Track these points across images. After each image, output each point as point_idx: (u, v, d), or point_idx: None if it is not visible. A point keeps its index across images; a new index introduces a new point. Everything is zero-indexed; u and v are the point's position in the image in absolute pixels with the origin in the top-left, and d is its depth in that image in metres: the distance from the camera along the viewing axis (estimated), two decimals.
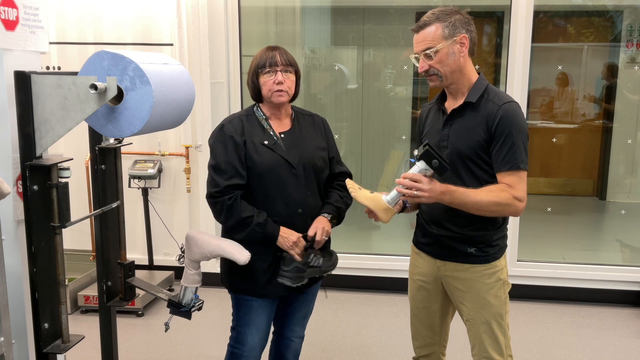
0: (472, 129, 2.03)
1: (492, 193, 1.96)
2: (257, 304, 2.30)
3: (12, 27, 1.85)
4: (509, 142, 1.97)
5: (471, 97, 2.05)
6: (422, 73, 2.06)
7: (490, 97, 2.05)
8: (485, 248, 2.10)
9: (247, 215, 2.16)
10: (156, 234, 4.33)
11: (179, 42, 4.05)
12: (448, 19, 2.01)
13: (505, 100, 2.02)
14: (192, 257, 2.23)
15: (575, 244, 5.12)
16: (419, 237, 2.27)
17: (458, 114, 2.08)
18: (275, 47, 2.26)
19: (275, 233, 2.18)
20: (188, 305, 2.27)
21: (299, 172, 2.23)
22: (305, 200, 2.24)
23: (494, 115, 1.99)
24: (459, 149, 2.04)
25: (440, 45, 1.99)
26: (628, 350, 3.44)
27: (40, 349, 1.87)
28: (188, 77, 2.18)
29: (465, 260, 2.11)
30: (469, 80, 2.08)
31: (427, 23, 2.01)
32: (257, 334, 2.33)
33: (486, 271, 2.11)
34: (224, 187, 2.17)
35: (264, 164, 2.19)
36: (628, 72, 5.40)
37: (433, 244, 2.18)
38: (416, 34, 2.05)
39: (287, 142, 2.26)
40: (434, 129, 2.16)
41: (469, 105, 2.05)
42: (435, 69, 2.03)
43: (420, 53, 2.04)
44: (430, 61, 2.02)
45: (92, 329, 3.31)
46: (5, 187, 1.60)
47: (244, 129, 2.23)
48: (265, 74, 2.20)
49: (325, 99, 5.40)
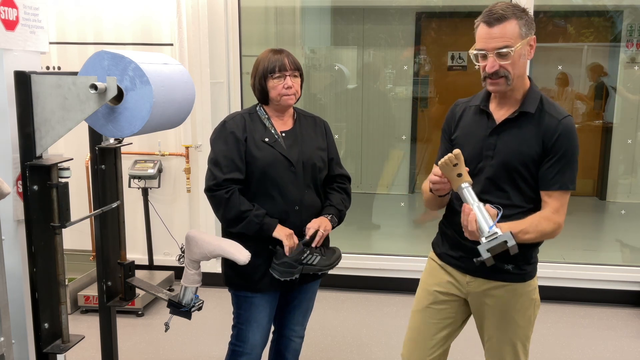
0: (526, 142, 1.87)
1: (539, 227, 1.83)
2: (257, 301, 2.31)
3: (12, 27, 1.85)
4: (563, 161, 1.85)
5: (528, 107, 1.88)
6: (488, 74, 1.84)
7: (546, 108, 1.89)
8: (523, 266, 1.96)
9: (245, 208, 2.19)
10: (156, 234, 4.33)
11: (179, 42, 4.05)
12: (524, 16, 1.83)
13: (563, 114, 1.88)
14: (192, 257, 2.23)
15: (575, 244, 5.12)
16: (446, 249, 2.08)
17: (510, 123, 1.90)
18: (280, 50, 2.29)
19: (272, 225, 2.20)
20: (188, 305, 2.27)
21: (298, 169, 2.26)
22: (302, 197, 2.27)
23: (553, 130, 1.85)
24: (508, 160, 1.89)
25: (518, 45, 1.80)
26: (628, 350, 3.44)
27: (40, 349, 1.87)
28: (188, 77, 2.18)
29: (500, 277, 1.96)
30: (524, 87, 1.91)
31: (505, 17, 1.79)
32: (258, 331, 2.34)
33: (521, 290, 1.97)
34: (222, 181, 2.20)
35: (263, 160, 2.22)
36: (628, 72, 5.40)
37: (465, 258, 1.99)
38: (490, 28, 1.81)
39: (287, 141, 2.29)
40: (474, 134, 1.97)
41: (524, 115, 1.89)
42: (507, 70, 1.82)
43: (493, 50, 1.80)
44: (504, 61, 1.81)
45: (92, 329, 3.31)
46: (5, 187, 1.60)
47: (246, 125, 2.26)
48: (275, 78, 2.23)
49: (325, 99, 5.40)
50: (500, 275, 1.95)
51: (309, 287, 2.44)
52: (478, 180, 1.93)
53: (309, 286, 2.44)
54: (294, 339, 2.52)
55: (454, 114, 2.09)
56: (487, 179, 1.92)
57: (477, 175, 1.93)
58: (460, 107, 2.09)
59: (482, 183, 1.93)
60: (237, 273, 2.30)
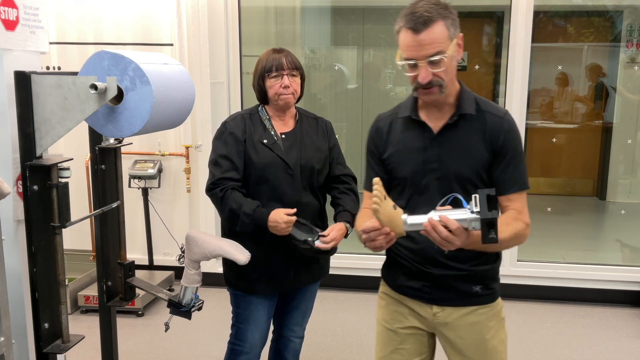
0: (472, 146, 1.70)
1: (510, 226, 1.65)
2: (255, 301, 2.32)
3: (12, 27, 1.85)
4: (516, 159, 1.70)
5: (467, 108, 1.70)
6: (422, 85, 1.63)
7: (483, 106, 1.73)
8: (491, 284, 1.81)
9: (237, 206, 2.18)
10: (156, 234, 4.33)
11: (179, 42, 4.05)
12: (449, 14, 1.61)
13: (502, 110, 1.74)
14: (192, 257, 2.23)
15: (575, 244, 5.13)
16: (404, 281, 1.83)
17: (451, 129, 1.71)
18: (280, 49, 2.29)
19: (264, 220, 2.15)
20: (188, 305, 2.27)
21: (295, 172, 2.25)
22: (299, 200, 2.26)
23: (499, 128, 1.69)
24: (457, 171, 1.70)
25: (450, 48, 1.60)
26: (628, 350, 3.44)
27: (40, 349, 1.87)
28: (188, 77, 2.18)
29: (469, 302, 1.79)
30: (456, 89, 1.73)
31: (432, 19, 1.57)
32: (257, 330, 2.34)
33: (491, 312, 1.82)
34: (217, 180, 2.21)
35: (260, 162, 2.22)
36: (628, 72, 5.41)
37: (428, 287, 1.79)
38: (417, 35, 1.58)
39: (287, 143, 2.28)
40: (411, 149, 1.75)
41: (463, 118, 1.71)
42: (440, 79, 1.62)
43: (424, 59, 1.59)
44: (438, 69, 1.60)
45: (92, 329, 3.31)
46: (5, 187, 1.60)
47: (246, 126, 2.27)
48: (272, 77, 2.23)
49: (325, 99, 5.40)
50: (470, 299, 1.78)
51: (307, 289, 2.44)
52: (426, 199, 1.71)
53: (308, 287, 2.44)
54: (293, 339, 2.52)
55: (380, 130, 1.83)
56: (437, 196, 1.66)
57: (424, 193, 1.72)
58: (384, 120, 1.84)
59: (432, 200, 1.65)
60: (235, 273, 2.30)
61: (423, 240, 1.67)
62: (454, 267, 1.74)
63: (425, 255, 1.76)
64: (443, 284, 1.77)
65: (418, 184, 1.74)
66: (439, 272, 1.75)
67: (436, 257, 1.74)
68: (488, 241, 1.46)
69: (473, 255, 1.72)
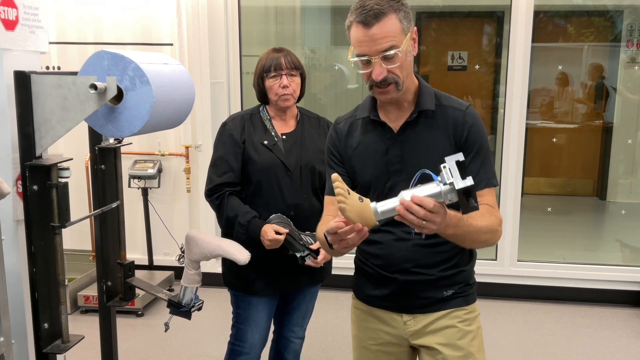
0: (435, 143, 1.61)
1: (485, 217, 1.54)
2: (255, 301, 2.32)
3: (12, 27, 1.85)
4: (481, 154, 1.61)
5: (426, 104, 1.62)
6: (375, 83, 1.54)
7: (445, 102, 1.64)
8: (463, 287, 1.70)
9: (232, 215, 2.18)
10: (156, 234, 4.33)
11: (179, 42, 4.05)
12: (401, 7, 1.52)
13: (464, 104, 1.65)
14: (192, 257, 2.23)
15: (575, 244, 5.12)
16: (370, 290, 1.76)
17: (411, 127, 1.63)
18: (280, 49, 2.28)
19: (257, 233, 2.16)
20: (188, 306, 2.27)
21: (295, 174, 2.25)
22: (298, 203, 2.25)
23: (461, 122, 1.61)
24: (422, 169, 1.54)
25: (404, 42, 1.51)
26: (628, 350, 3.44)
27: (40, 349, 1.87)
28: (188, 77, 2.18)
29: (440, 307, 1.68)
30: (414, 85, 1.64)
31: (383, 12, 1.49)
32: (257, 330, 2.34)
33: (467, 315, 1.69)
34: (215, 185, 2.22)
35: (260, 164, 2.22)
36: (628, 72, 5.41)
37: (396, 295, 1.69)
38: (368, 29, 1.50)
39: (287, 144, 2.28)
40: (372, 151, 1.67)
41: (424, 115, 1.62)
42: (396, 75, 1.53)
43: (377, 55, 1.50)
44: (392, 65, 1.51)
45: (92, 329, 3.30)
46: (5, 187, 1.59)
47: (245, 127, 2.26)
48: (271, 78, 2.22)
49: (325, 99, 5.40)
50: (441, 304, 1.67)
51: (308, 290, 2.44)
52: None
53: (308, 289, 2.43)
54: (293, 340, 2.51)
55: (339, 134, 1.75)
56: None
57: (388, 195, 1.53)
58: (343, 124, 1.75)
59: None
60: (234, 274, 2.30)
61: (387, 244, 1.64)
62: (423, 273, 1.65)
63: (389, 260, 1.67)
64: (411, 291, 1.66)
65: (382, 187, 1.65)
66: (404, 278, 1.65)
67: (404, 263, 1.64)
68: (469, 210, 1.33)
69: (441, 259, 1.64)
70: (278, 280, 2.30)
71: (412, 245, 1.63)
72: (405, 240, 1.65)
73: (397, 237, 1.66)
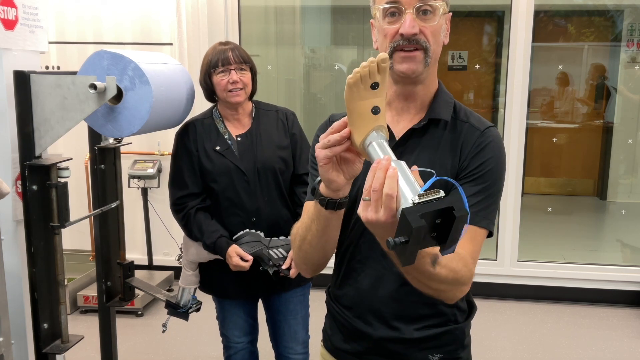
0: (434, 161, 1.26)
1: (452, 264, 1.13)
2: (229, 304, 2.30)
3: (12, 27, 1.84)
4: (492, 189, 1.27)
5: (441, 113, 1.28)
6: (402, 41, 1.19)
7: (462, 115, 1.30)
8: (457, 351, 1.34)
9: (199, 235, 2.13)
10: (156, 234, 4.32)
11: (179, 41, 4.05)
12: None
13: (485, 123, 1.30)
14: (189, 258, 2.23)
15: (575, 244, 5.12)
16: (339, 341, 1.43)
17: (416, 136, 1.28)
18: (226, 42, 2.17)
19: (223, 255, 2.11)
20: (185, 306, 2.27)
21: (252, 178, 2.13)
22: (259, 207, 2.14)
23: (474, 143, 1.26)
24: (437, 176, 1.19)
25: (442, 7, 1.21)
26: (628, 350, 3.44)
27: (39, 349, 1.87)
28: (188, 76, 2.18)
29: None
30: (434, 85, 1.32)
31: None
32: (235, 329, 2.32)
33: None
34: (177, 199, 2.19)
35: (214, 171, 2.13)
36: (629, 72, 5.40)
37: (369, 352, 1.34)
38: None
39: (241, 146, 2.16)
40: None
41: (433, 124, 1.29)
42: (426, 40, 1.20)
43: (411, 5, 1.18)
44: (427, 23, 1.20)
45: (92, 329, 3.30)
46: (4, 187, 1.59)
47: (197, 134, 2.17)
48: (219, 73, 2.11)
49: (325, 98, 5.40)
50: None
51: (292, 295, 2.27)
52: None
53: (292, 293, 2.27)
54: (292, 356, 2.35)
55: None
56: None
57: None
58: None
59: None
60: (207, 278, 2.27)
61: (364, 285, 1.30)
62: (398, 329, 1.30)
63: (370, 306, 1.32)
64: (387, 351, 1.32)
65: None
66: (379, 334, 1.31)
67: (384, 311, 1.30)
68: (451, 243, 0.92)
69: (429, 311, 1.29)
70: (251, 283, 2.20)
71: (394, 287, 1.27)
72: (383, 277, 1.29)
73: (374, 274, 1.30)
